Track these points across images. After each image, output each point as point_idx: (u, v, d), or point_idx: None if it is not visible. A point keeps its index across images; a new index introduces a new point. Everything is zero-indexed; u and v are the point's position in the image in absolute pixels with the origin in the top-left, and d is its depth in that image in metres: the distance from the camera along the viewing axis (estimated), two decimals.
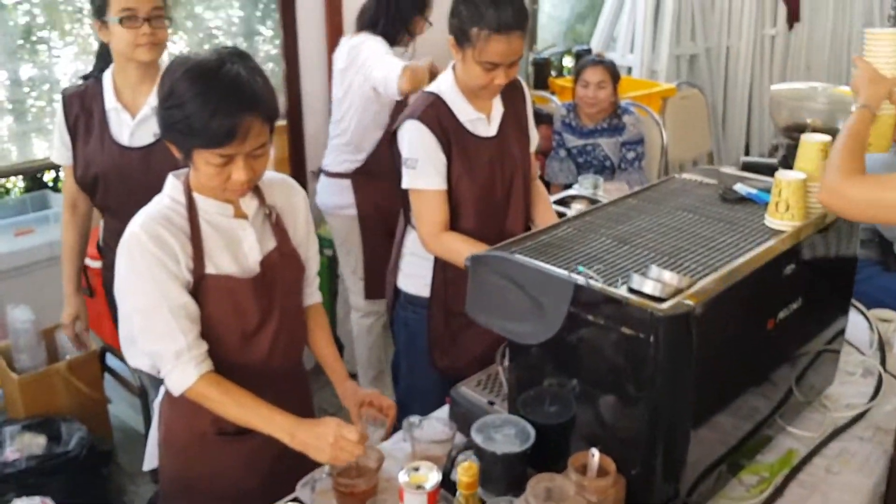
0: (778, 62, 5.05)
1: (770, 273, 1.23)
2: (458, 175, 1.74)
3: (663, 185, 1.62)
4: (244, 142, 1.22)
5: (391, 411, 1.46)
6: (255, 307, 1.35)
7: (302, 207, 1.48)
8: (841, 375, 1.58)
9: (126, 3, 1.69)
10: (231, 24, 3.02)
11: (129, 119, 1.80)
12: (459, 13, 1.67)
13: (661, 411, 1.14)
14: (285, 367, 1.45)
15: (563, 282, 1.18)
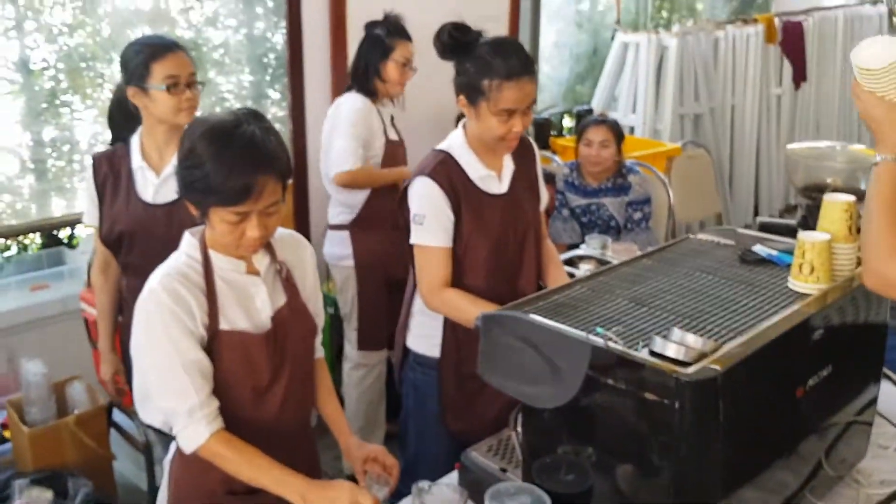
0: (785, 121, 5.10)
1: (798, 338, 1.18)
2: (469, 232, 1.73)
3: (678, 246, 1.58)
4: (259, 199, 1.26)
5: (395, 469, 1.44)
6: (267, 363, 1.36)
7: (310, 263, 1.52)
8: (873, 449, 1.51)
9: (169, 70, 1.79)
10: (242, 88, 3.14)
11: (154, 177, 1.88)
12: (466, 70, 1.68)
13: (685, 482, 1.08)
14: (295, 424, 1.45)
15: (580, 344, 1.14)
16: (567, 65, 4.69)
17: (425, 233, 1.72)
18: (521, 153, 1.84)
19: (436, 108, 3.06)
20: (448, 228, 1.72)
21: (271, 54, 3.14)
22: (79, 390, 2.27)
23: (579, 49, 4.74)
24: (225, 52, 3.03)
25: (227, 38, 3.02)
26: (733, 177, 4.88)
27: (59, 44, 2.62)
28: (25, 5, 2.52)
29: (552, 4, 4.44)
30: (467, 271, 1.75)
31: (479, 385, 1.74)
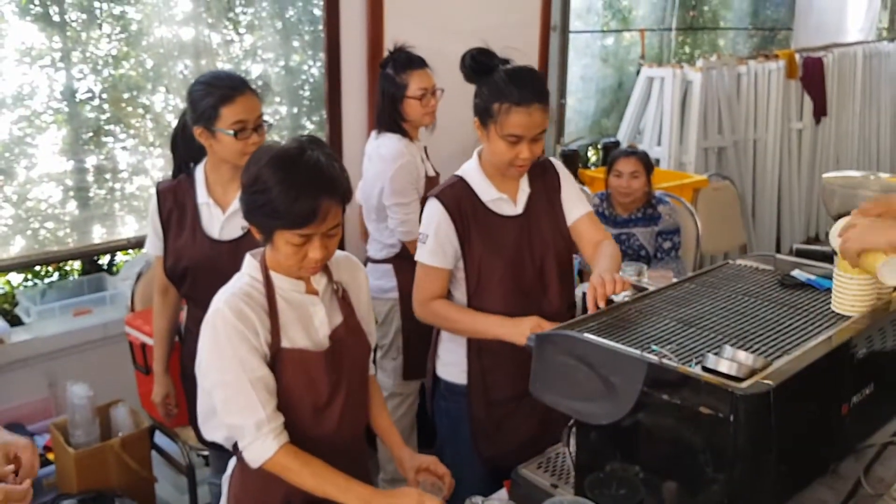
0: (806, 155, 5.16)
1: (843, 356, 1.24)
2: (481, 254, 1.76)
3: (719, 271, 1.64)
4: (323, 223, 1.31)
5: (448, 478, 1.49)
6: (326, 380, 1.40)
7: (364, 284, 1.56)
8: None
9: (238, 115, 1.77)
10: (280, 118, 3.20)
11: (220, 214, 1.88)
12: (482, 93, 1.73)
13: (737, 496, 1.12)
14: (351, 441, 1.49)
15: (635, 361, 1.19)
16: (593, 98, 4.80)
17: (426, 252, 1.77)
18: (541, 175, 1.84)
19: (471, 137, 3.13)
20: (448, 252, 1.76)
21: (307, 86, 3.20)
22: (122, 413, 2.32)
23: (605, 83, 4.85)
24: (264, 84, 3.08)
25: (265, 70, 3.09)
26: (756, 209, 4.93)
27: (104, 74, 2.67)
28: (72, 37, 2.58)
29: (579, 40, 4.56)
30: (484, 293, 1.77)
31: (506, 411, 1.83)
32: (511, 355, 1.75)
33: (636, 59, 4.74)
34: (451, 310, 1.81)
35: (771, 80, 4.82)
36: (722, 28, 5.76)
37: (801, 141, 5.12)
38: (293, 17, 3.13)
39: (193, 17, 2.86)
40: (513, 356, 1.76)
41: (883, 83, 5.72)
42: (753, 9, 5.86)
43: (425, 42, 2.70)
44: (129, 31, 2.74)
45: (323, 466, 1.33)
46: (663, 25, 5.11)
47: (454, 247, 1.76)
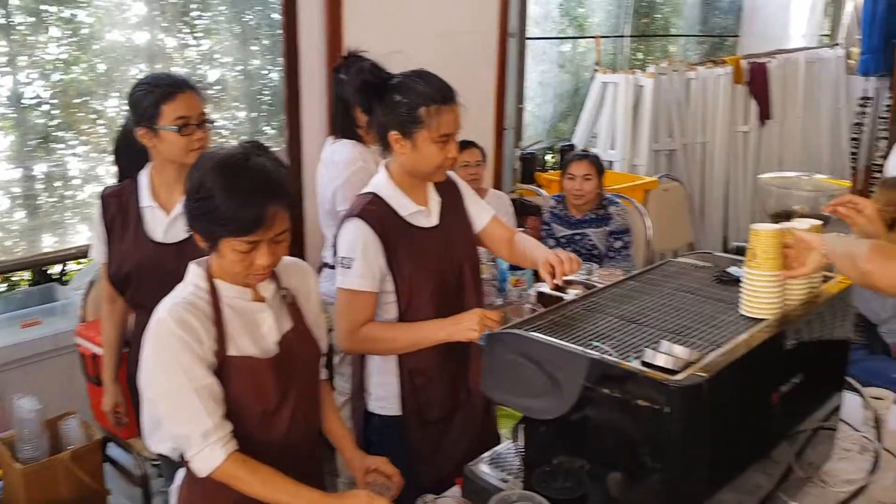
0: (752, 156, 5.34)
1: (772, 348, 1.30)
2: (411, 272, 1.73)
3: (661, 269, 1.70)
4: (270, 229, 1.30)
5: (397, 477, 1.50)
6: (275, 386, 1.39)
7: (314, 289, 1.56)
8: (838, 451, 1.63)
9: (179, 112, 1.78)
10: (239, 123, 3.18)
11: (164, 216, 1.87)
12: (396, 105, 1.67)
13: (674, 485, 1.17)
14: (302, 446, 1.48)
15: (578, 357, 1.23)
16: (551, 103, 4.89)
17: (353, 277, 1.70)
18: (444, 187, 1.84)
19: None
20: (376, 274, 1.71)
21: (266, 91, 3.19)
22: (73, 426, 2.26)
23: (562, 88, 4.95)
24: (222, 88, 3.08)
25: (222, 75, 3.06)
26: (704, 208, 5.08)
27: (54, 79, 2.62)
28: (19, 41, 2.52)
29: (537, 46, 4.64)
30: (416, 311, 1.74)
31: (441, 429, 1.81)
32: (442, 370, 1.77)
33: (592, 65, 4.84)
34: (383, 329, 1.74)
35: (719, 85, 4.97)
36: (673, 35, 5.91)
37: (747, 143, 5.30)
38: (251, 21, 3.12)
39: (147, 20, 2.82)
40: (444, 371, 1.77)
41: (823, 88, 5.94)
42: (703, 16, 6.04)
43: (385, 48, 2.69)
44: (80, 34, 2.69)
45: (272, 473, 1.32)
46: (617, 32, 5.23)
47: (381, 268, 1.72)
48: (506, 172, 4.13)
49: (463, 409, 1.86)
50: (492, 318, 1.63)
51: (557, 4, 4.86)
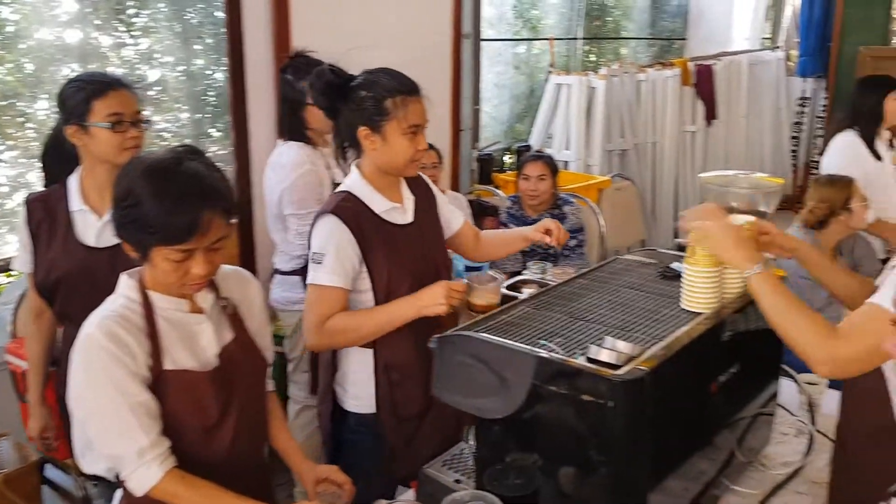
0: (699, 155, 5.48)
1: (709, 340, 1.35)
2: (389, 269, 1.72)
3: (608, 266, 1.75)
4: (204, 236, 1.25)
5: (348, 486, 1.49)
6: (215, 400, 1.36)
7: (256, 298, 1.51)
8: (776, 436, 1.70)
9: (112, 108, 1.72)
10: (182, 125, 3.09)
11: (96, 220, 1.80)
12: (363, 100, 1.67)
13: (619, 476, 1.21)
14: (248, 460, 1.45)
15: (526, 356, 1.26)
16: (507, 104, 4.94)
17: (323, 272, 1.68)
18: (415, 185, 1.85)
19: None
20: (348, 271, 1.69)
21: (211, 92, 3.09)
22: (6, 448, 2.13)
23: (518, 90, 5.00)
24: (162, 89, 2.98)
25: (163, 75, 2.96)
26: (656, 206, 5.20)
27: None
28: None
29: (492, 48, 4.69)
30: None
31: (415, 425, 1.81)
32: (417, 367, 1.76)
33: (546, 66, 4.91)
34: (348, 317, 1.71)
35: (668, 86, 5.09)
36: (624, 38, 6.04)
37: (695, 142, 5.44)
38: (193, 19, 3.03)
39: (79, 18, 2.70)
40: (419, 367, 1.75)
41: (765, 89, 6.14)
42: (652, 20, 6.18)
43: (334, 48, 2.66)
44: (4, 33, 2.56)
45: (214, 489, 1.29)
46: (570, 35, 5.31)
47: (354, 265, 1.70)
48: (463, 173, 4.15)
49: (437, 405, 1.84)
50: (457, 290, 1.63)
51: (511, 6, 4.92)
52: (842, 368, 1.26)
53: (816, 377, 1.93)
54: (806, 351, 1.26)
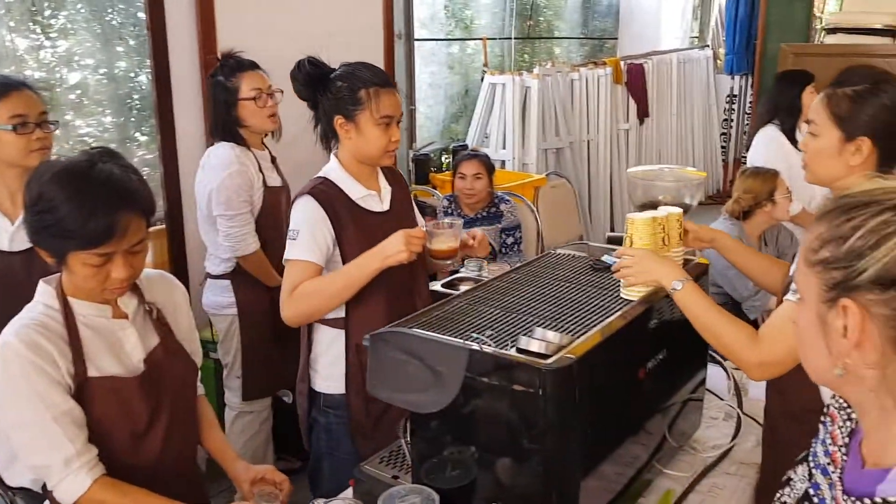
0: (633, 152, 5.63)
1: (637, 328, 1.39)
2: (362, 252, 1.73)
3: (541, 260, 1.78)
4: (123, 239, 1.24)
5: (286, 484, 1.48)
6: (144, 406, 1.35)
7: (182, 302, 1.51)
8: (706, 420, 1.76)
9: (16, 109, 1.71)
10: (105, 130, 3.01)
11: (9, 224, 1.78)
12: (339, 90, 1.74)
13: (552, 463, 1.22)
14: (180, 465, 1.44)
15: (458, 349, 1.27)
16: (443, 104, 4.96)
17: (296, 247, 1.72)
18: (393, 177, 1.91)
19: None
20: (322, 247, 1.72)
21: (136, 95, 3.02)
22: None
23: (453, 90, 5.03)
24: (83, 92, 2.89)
25: (84, 78, 2.88)
26: (591, 202, 5.32)
27: None
28: None
29: (425, 48, 4.70)
30: (366, 294, 1.75)
31: (383, 407, 1.81)
32: None
33: (480, 66, 4.95)
34: (318, 280, 1.73)
35: (600, 85, 5.21)
36: (556, 37, 6.14)
37: (628, 140, 5.59)
38: (114, 20, 2.95)
39: None
40: None
41: (695, 87, 6.35)
42: (583, 19, 6.30)
43: (263, 48, 2.66)
44: None
45: (145, 494, 1.29)
46: (503, 34, 5.37)
47: (328, 244, 1.74)
48: None
49: None
50: (416, 236, 1.66)
51: (443, 6, 4.94)
52: (770, 371, 1.33)
53: None
54: (739, 357, 1.33)
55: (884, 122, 1.39)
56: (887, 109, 1.39)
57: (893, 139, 1.41)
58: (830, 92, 1.45)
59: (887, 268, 0.69)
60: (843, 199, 0.74)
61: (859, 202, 0.72)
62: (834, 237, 0.73)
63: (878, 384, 0.72)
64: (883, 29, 4.65)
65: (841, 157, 1.43)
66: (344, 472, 1.80)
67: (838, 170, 1.44)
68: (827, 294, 0.74)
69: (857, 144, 1.41)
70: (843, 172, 1.44)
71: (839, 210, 0.73)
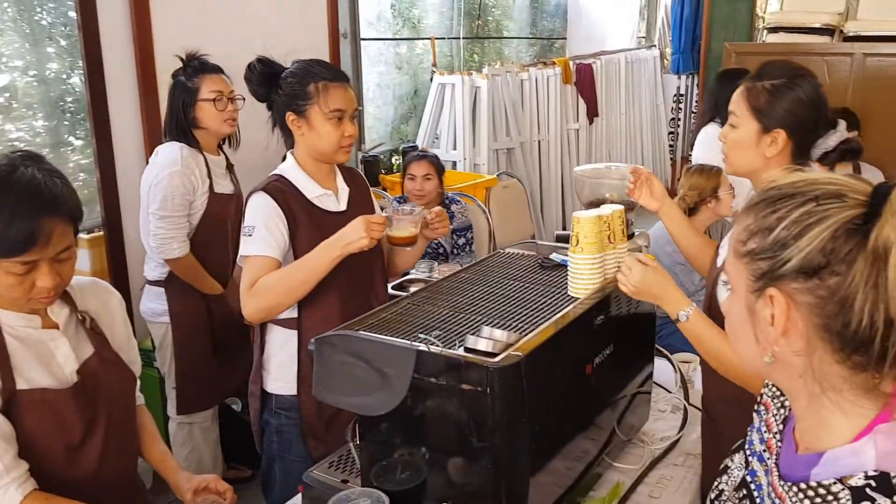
0: (583, 151, 5.71)
1: (583, 324, 1.39)
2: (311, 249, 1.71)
3: (490, 260, 1.77)
4: (47, 246, 1.20)
5: (229, 493, 1.45)
6: (78, 418, 1.31)
7: (118, 310, 1.46)
8: (654, 413, 1.79)
9: None
10: (36, 134, 2.89)
11: None
12: (289, 85, 1.73)
13: (502, 461, 1.22)
14: (118, 477, 1.40)
15: (405, 351, 1.25)
16: (391, 105, 4.92)
17: (253, 243, 1.69)
18: (352, 177, 1.90)
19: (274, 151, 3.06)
20: (279, 241, 1.70)
21: (69, 97, 2.91)
22: None
23: (401, 90, 5.00)
24: (12, 95, 2.77)
25: (13, 80, 2.76)
26: (543, 202, 5.36)
27: None
28: None
29: (372, 47, 4.66)
30: (320, 294, 1.73)
31: (335, 408, 1.74)
32: None
33: (429, 66, 4.94)
34: (278, 274, 1.68)
35: (550, 85, 5.25)
36: (505, 37, 6.17)
37: (579, 140, 5.65)
38: (43, 20, 2.84)
39: None
40: None
41: (643, 86, 6.47)
42: (532, 19, 6.35)
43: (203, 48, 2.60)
44: None
45: None
46: (451, 34, 5.36)
47: (284, 237, 1.71)
48: None
49: None
50: (376, 223, 1.64)
51: (390, 5, 4.91)
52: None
53: (689, 356, 2.04)
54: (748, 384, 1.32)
55: (798, 115, 1.44)
56: (802, 104, 1.44)
57: (806, 132, 1.46)
58: (750, 85, 1.50)
59: (809, 257, 0.70)
60: (770, 191, 0.75)
61: (784, 194, 0.74)
62: (760, 228, 0.74)
63: (806, 370, 0.74)
64: (822, 28, 4.80)
65: (758, 149, 1.48)
66: (295, 476, 1.78)
67: (755, 161, 1.49)
68: (754, 284, 0.75)
69: (774, 136, 1.46)
70: (760, 163, 1.48)
71: (765, 202, 0.75)
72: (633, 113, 6.32)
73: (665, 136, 6.87)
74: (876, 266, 0.67)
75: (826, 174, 0.75)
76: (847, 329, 0.69)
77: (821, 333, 0.71)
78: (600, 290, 1.48)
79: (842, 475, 0.70)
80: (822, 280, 0.70)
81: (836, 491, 0.70)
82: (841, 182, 0.72)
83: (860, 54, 4.38)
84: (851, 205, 0.69)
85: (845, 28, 4.73)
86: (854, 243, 0.68)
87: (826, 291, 0.70)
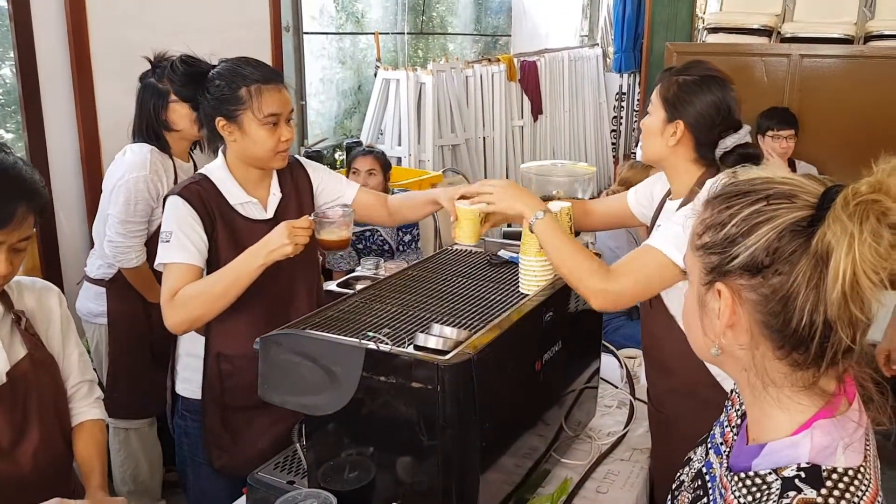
0: (528, 148, 5.75)
1: (532, 321, 1.40)
2: (228, 259, 1.64)
3: (438, 257, 1.77)
4: (14, 231, 1.20)
5: None
6: (7, 421, 1.26)
7: (56, 309, 1.41)
8: (601, 409, 1.81)
9: None
10: None
11: None
12: (217, 89, 1.62)
13: (452, 459, 1.21)
14: (53, 482, 1.34)
15: (354, 349, 1.23)
16: (335, 100, 4.85)
17: (170, 250, 1.61)
18: (289, 176, 1.79)
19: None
20: (198, 246, 1.63)
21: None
22: None
23: (345, 85, 4.93)
24: None
25: None
26: None
27: None
28: None
29: (315, 42, 4.57)
30: (241, 304, 1.64)
31: (245, 419, 1.74)
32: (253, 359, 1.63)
33: (373, 61, 4.88)
34: (200, 284, 1.61)
35: (494, 82, 5.27)
36: (450, 33, 6.16)
37: (523, 137, 5.70)
38: None
39: None
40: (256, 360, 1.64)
41: (586, 84, 6.57)
42: (476, 16, 6.36)
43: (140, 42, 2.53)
44: None
45: None
46: (395, 29, 5.32)
47: (204, 243, 1.63)
48: None
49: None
50: (301, 227, 1.56)
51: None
52: (613, 301, 1.40)
53: (635, 351, 2.08)
54: (587, 285, 1.39)
55: (699, 111, 1.51)
56: (704, 101, 1.51)
57: (705, 129, 1.52)
58: (666, 76, 1.55)
59: (755, 255, 0.71)
60: (728, 187, 0.77)
61: (740, 190, 0.75)
62: (714, 223, 0.76)
63: (749, 365, 0.76)
64: (760, 29, 4.93)
65: (662, 137, 1.54)
66: (205, 479, 1.78)
67: (661, 148, 1.55)
68: (706, 277, 0.76)
69: (675, 126, 1.52)
70: (665, 152, 1.55)
71: (722, 197, 0.76)
72: (576, 110, 6.41)
73: (608, 133, 7.00)
74: (818, 268, 0.69)
75: (785, 174, 0.76)
76: (787, 327, 0.71)
77: (763, 330, 0.73)
78: (549, 286, 1.49)
79: (778, 466, 0.72)
80: (766, 278, 0.71)
81: (771, 481, 0.72)
82: (795, 182, 0.73)
83: (797, 55, 4.52)
84: (800, 206, 0.71)
85: (782, 29, 4.88)
86: (798, 244, 0.70)
87: (769, 290, 0.71)
